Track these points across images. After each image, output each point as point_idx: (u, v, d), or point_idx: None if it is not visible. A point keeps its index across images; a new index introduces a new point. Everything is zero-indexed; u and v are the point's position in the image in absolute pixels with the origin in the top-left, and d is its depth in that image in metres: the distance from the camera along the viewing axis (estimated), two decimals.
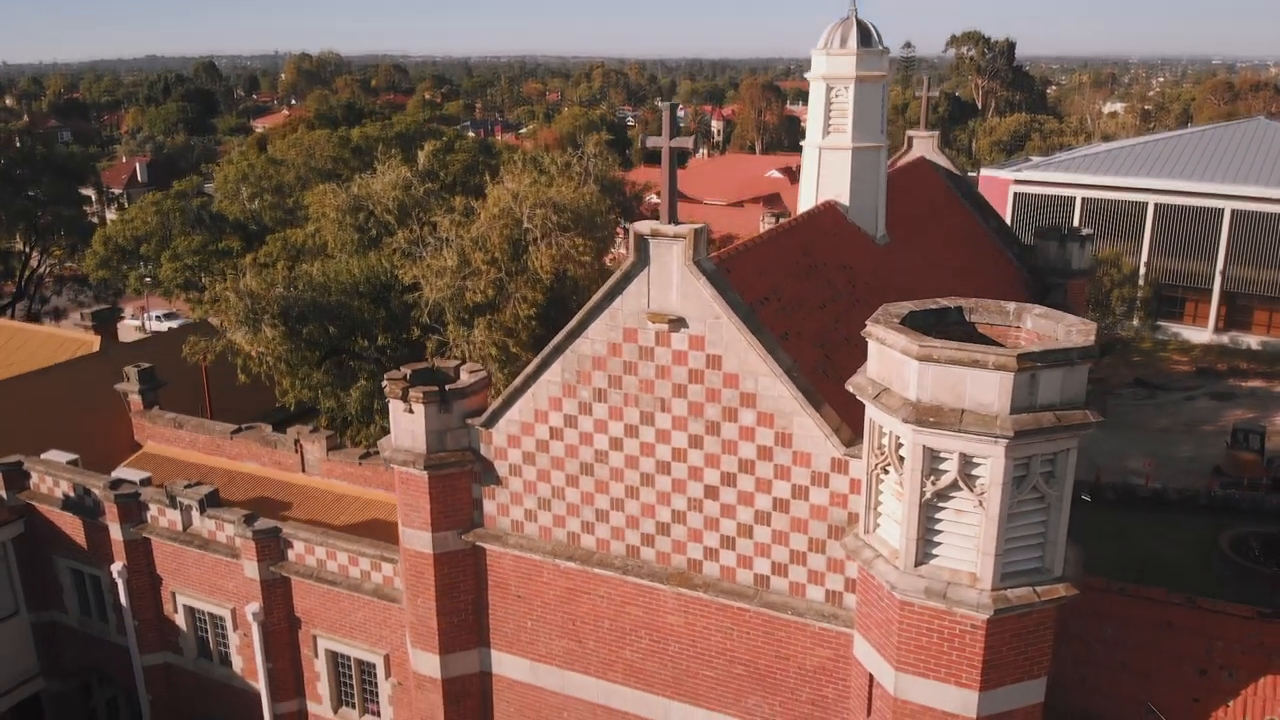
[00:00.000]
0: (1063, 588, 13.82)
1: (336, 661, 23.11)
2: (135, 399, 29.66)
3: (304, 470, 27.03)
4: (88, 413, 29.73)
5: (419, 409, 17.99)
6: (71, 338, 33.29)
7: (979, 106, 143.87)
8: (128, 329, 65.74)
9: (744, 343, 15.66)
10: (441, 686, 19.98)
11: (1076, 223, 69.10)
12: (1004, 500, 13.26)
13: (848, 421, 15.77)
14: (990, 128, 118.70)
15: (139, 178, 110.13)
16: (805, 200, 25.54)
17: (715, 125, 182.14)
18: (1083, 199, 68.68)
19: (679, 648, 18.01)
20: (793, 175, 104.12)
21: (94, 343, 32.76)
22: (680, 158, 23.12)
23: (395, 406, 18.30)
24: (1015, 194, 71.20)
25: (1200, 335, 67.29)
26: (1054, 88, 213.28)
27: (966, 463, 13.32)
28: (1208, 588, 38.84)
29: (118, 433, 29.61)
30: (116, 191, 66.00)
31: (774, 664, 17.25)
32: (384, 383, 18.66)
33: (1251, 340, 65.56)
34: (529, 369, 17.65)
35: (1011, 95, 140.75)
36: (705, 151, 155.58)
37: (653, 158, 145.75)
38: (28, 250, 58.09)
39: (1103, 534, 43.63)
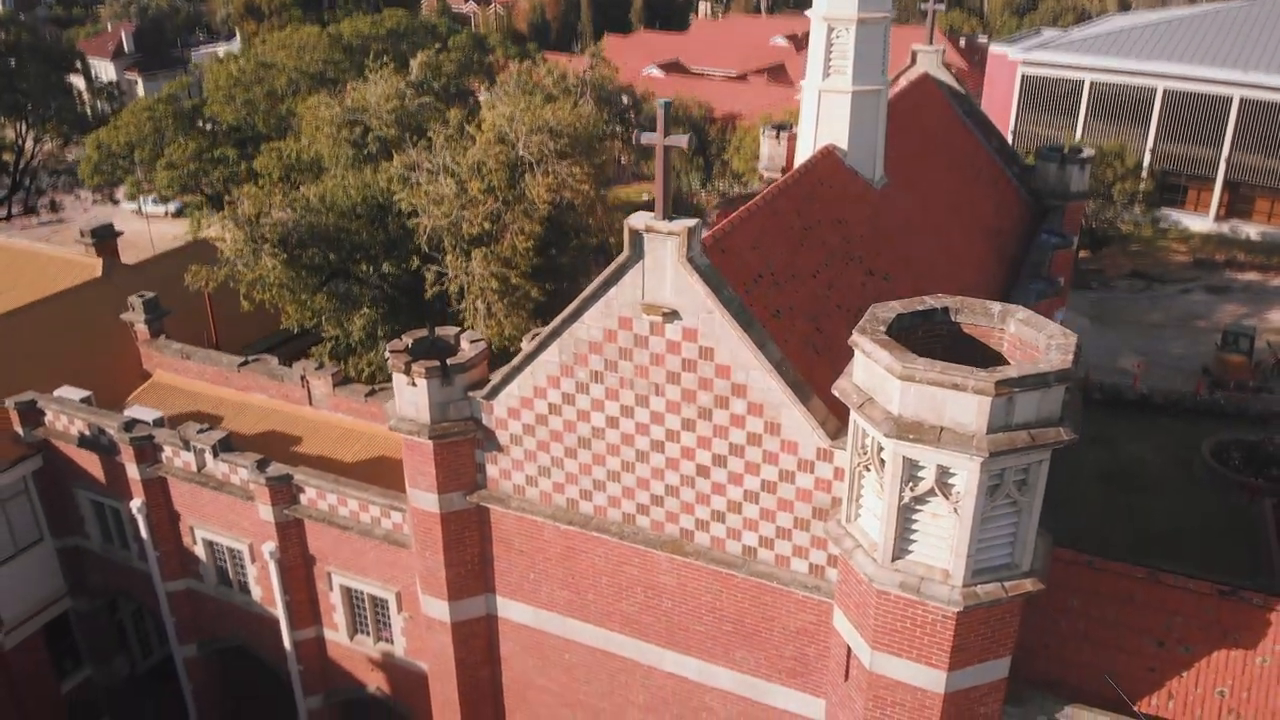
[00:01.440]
0: (1029, 583, 14.77)
1: (351, 595, 24.48)
2: (141, 329, 30.17)
3: (311, 404, 27.80)
4: (94, 341, 30.28)
5: (422, 383, 18.60)
6: (73, 261, 33.48)
7: None
8: (125, 214, 65.73)
9: (736, 337, 16.15)
10: (451, 629, 21.33)
11: (1084, 106, 67.98)
12: (977, 507, 14.05)
13: (834, 410, 16.40)
14: None
15: (125, 48, 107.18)
16: (804, 141, 25.46)
17: None
18: (1091, 83, 67.29)
19: (672, 604, 19.20)
20: (798, 43, 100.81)
21: (96, 266, 33.01)
22: (681, 16, 21.80)
23: (399, 380, 18.90)
24: (1023, 76, 69.73)
25: (1201, 223, 67.16)
26: None
27: (943, 473, 14.06)
28: (1188, 496, 40.46)
29: (126, 362, 30.23)
30: (105, 81, 64.44)
31: (760, 624, 18.45)
32: (387, 353, 19.20)
33: (1251, 230, 65.48)
34: (528, 349, 18.18)
35: None
36: (709, 8, 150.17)
37: (651, 19, 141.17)
38: (20, 142, 57.35)
39: (1089, 439, 44.98)
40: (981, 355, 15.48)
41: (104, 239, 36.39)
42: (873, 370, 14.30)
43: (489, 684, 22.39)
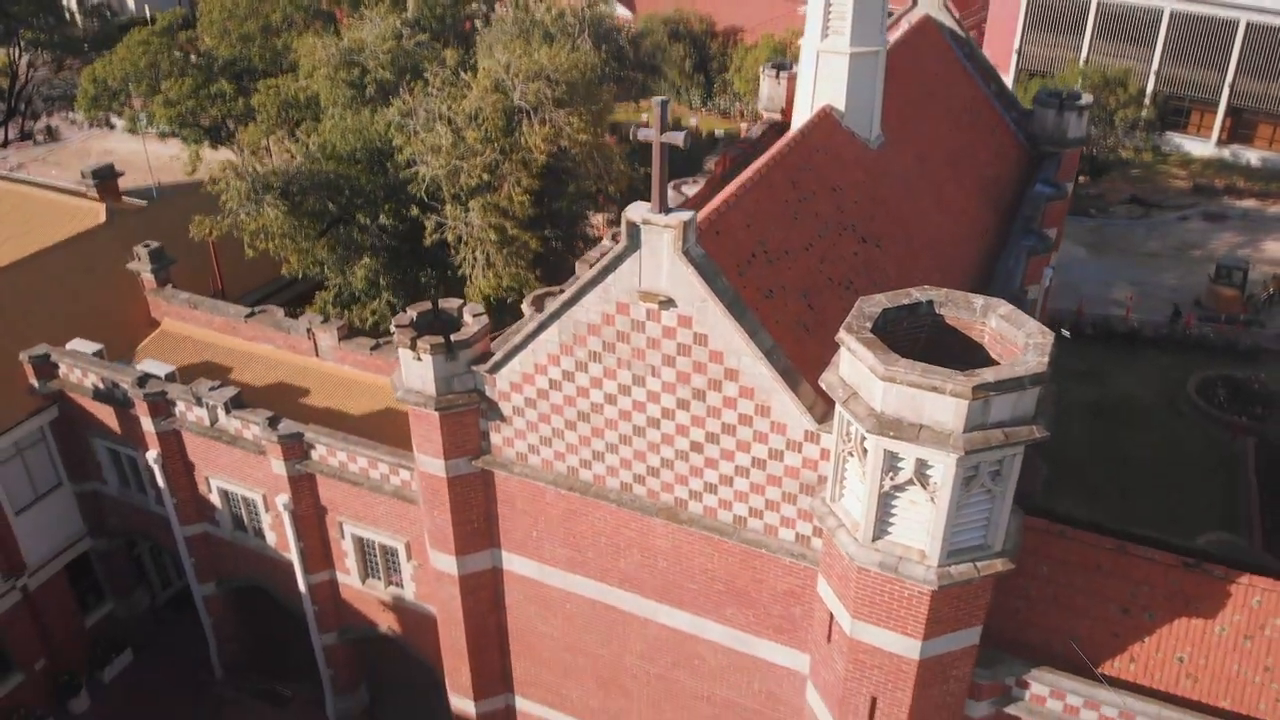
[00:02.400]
0: (1000, 563, 15.79)
1: (362, 544, 25.64)
2: (148, 278, 30.70)
3: (318, 355, 28.53)
4: (102, 290, 30.85)
5: (427, 358, 19.32)
6: (75, 206, 33.77)
7: None
8: (120, 134, 65.15)
9: (728, 326, 16.81)
10: (459, 581, 22.53)
11: (1090, 26, 66.90)
12: (953, 497, 14.96)
13: (822, 395, 17.15)
14: None
15: None
16: (802, 101, 25.64)
17: None
18: (1097, 3, 66.08)
19: (667, 564, 20.31)
20: None
21: (99, 211, 33.35)
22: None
23: (405, 354, 19.61)
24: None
25: (1202, 148, 66.80)
26: None
27: (922, 465, 14.93)
28: (1173, 432, 41.48)
29: (133, 310, 30.83)
30: (95, 1, 63.20)
31: (749, 584, 19.58)
32: (392, 328, 19.86)
33: (1252, 155, 65.21)
34: (528, 328, 18.85)
35: None
36: None
37: None
38: (13, 67, 56.69)
39: (1078, 374, 46.04)
40: (964, 346, 16.21)
41: (105, 180, 36.71)
42: (858, 368, 15.02)
43: (495, 630, 23.71)
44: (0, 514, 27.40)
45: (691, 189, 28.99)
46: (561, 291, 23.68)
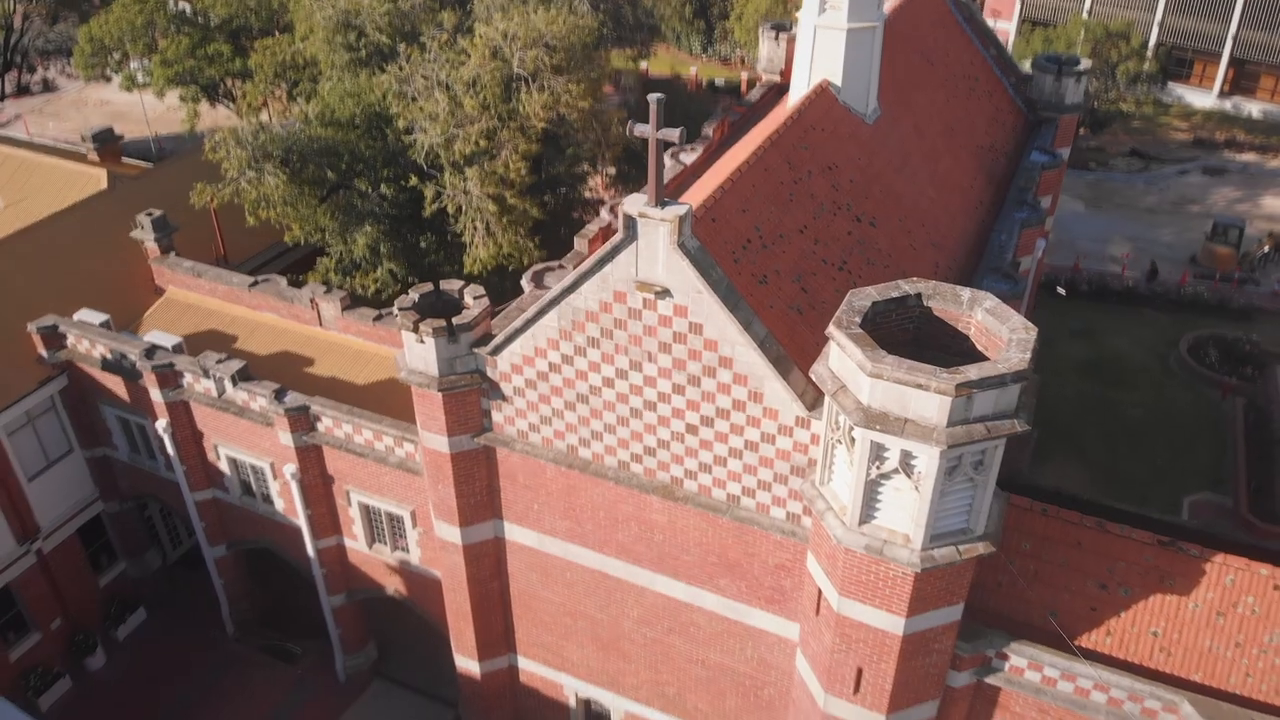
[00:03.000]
0: (981, 546, 16.47)
1: (368, 511, 26.37)
2: (151, 246, 31.03)
3: (321, 324, 29.00)
4: (106, 257, 31.21)
5: (429, 340, 19.82)
6: (77, 172, 33.95)
7: None
8: (116, 87, 64.76)
9: (723, 316, 17.28)
10: (463, 550, 23.32)
11: None
12: (936, 485, 15.59)
13: (813, 382, 17.68)
14: None
15: None
16: (799, 75, 25.75)
17: None
18: None
19: (663, 537, 21.05)
20: None
21: (101, 178, 33.55)
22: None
23: (408, 337, 20.10)
24: None
25: (1204, 99, 66.49)
26: None
27: (907, 456, 15.53)
28: (1164, 391, 42.03)
29: (138, 278, 31.20)
30: None
31: (742, 557, 20.34)
32: (395, 310, 20.32)
33: (1253, 108, 64.92)
34: (528, 314, 19.30)
35: None
36: None
37: None
38: (9, 20, 56.20)
39: (1072, 331, 46.54)
40: (951, 335, 16.71)
41: (106, 143, 36.91)
42: (846, 362, 15.53)
43: (498, 594, 24.58)
44: (13, 480, 28.10)
45: (689, 156, 29.24)
46: (560, 267, 24.24)
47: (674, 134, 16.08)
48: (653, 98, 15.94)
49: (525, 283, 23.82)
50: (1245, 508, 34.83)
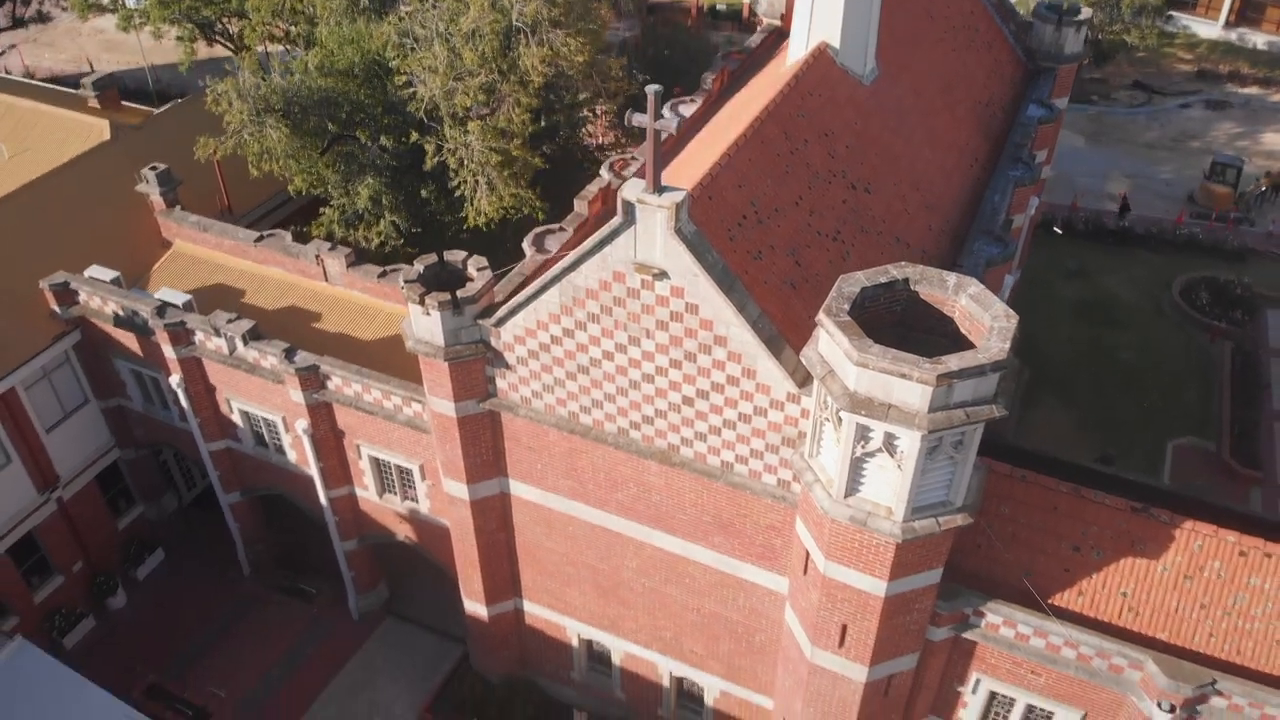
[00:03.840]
0: (960, 517, 17.45)
1: (379, 463, 27.36)
2: (157, 200, 31.41)
3: (327, 280, 29.58)
4: (112, 210, 31.59)
5: (435, 313, 20.51)
6: (79, 122, 34.09)
7: None
8: (111, 20, 64.02)
9: (718, 298, 17.94)
10: (470, 505, 24.38)
11: None
12: (918, 464, 16.48)
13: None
14: None
15: None
16: (799, 29, 25.81)
17: None
18: None
19: (660, 497, 22.06)
20: None
21: (103, 128, 33.73)
22: None
23: (415, 309, 20.78)
24: None
25: (1209, 29, 65.73)
26: None
27: (890, 437, 16.38)
28: (1155, 333, 42.69)
29: (144, 231, 31.64)
30: None
31: (735, 518, 21.38)
32: (401, 285, 20.95)
33: (1259, 39, 64.23)
34: (529, 290, 19.95)
35: None
36: None
37: None
38: None
39: (1067, 272, 47.10)
40: (937, 319, 17.41)
41: (106, 89, 36.98)
42: (834, 349, 16.27)
43: (504, 544, 25.74)
44: (32, 432, 29.05)
45: (689, 109, 29.48)
46: (561, 229, 24.79)
47: (670, 124, 16.50)
48: (650, 88, 16.33)
49: (526, 246, 24.41)
50: (1227, 452, 35.90)
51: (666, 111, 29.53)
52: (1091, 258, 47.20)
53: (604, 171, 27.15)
